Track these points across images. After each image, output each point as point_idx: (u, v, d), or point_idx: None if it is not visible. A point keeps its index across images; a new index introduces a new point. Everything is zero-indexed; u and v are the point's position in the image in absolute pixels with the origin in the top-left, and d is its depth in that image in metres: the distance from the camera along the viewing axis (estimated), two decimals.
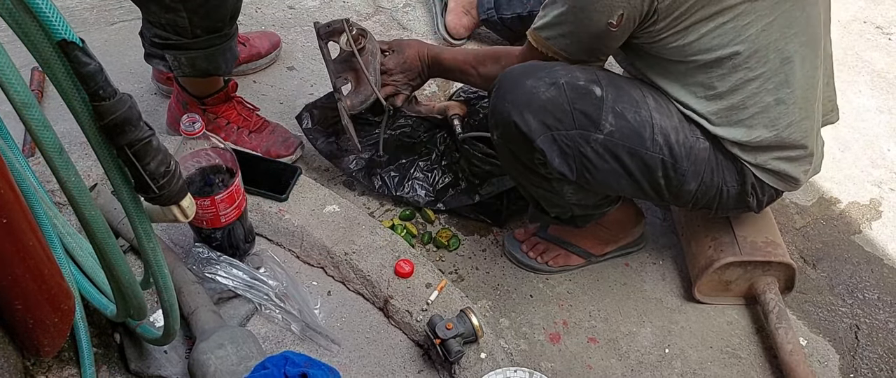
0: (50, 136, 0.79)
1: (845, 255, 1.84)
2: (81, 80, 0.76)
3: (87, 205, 0.88)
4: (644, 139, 1.37)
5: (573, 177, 1.40)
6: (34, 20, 0.72)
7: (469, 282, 1.71)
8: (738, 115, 1.36)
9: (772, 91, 1.35)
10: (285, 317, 1.45)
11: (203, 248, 1.46)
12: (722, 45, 1.29)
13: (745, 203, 1.49)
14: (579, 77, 1.36)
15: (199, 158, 1.36)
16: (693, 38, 1.29)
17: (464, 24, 2.27)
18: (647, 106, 1.38)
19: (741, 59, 1.30)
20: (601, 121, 1.35)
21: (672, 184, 1.43)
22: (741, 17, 1.27)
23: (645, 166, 1.40)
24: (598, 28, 1.29)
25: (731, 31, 1.28)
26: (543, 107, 1.34)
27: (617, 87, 1.38)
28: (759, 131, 1.37)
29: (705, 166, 1.42)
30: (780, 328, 1.56)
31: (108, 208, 1.50)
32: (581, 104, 1.35)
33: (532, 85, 1.35)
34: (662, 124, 1.38)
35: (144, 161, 0.84)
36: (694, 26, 1.27)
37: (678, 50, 1.31)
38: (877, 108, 2.26)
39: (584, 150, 1.37)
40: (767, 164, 1.42)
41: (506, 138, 1.42)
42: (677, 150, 1.39)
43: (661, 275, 1.75)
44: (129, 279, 1.04)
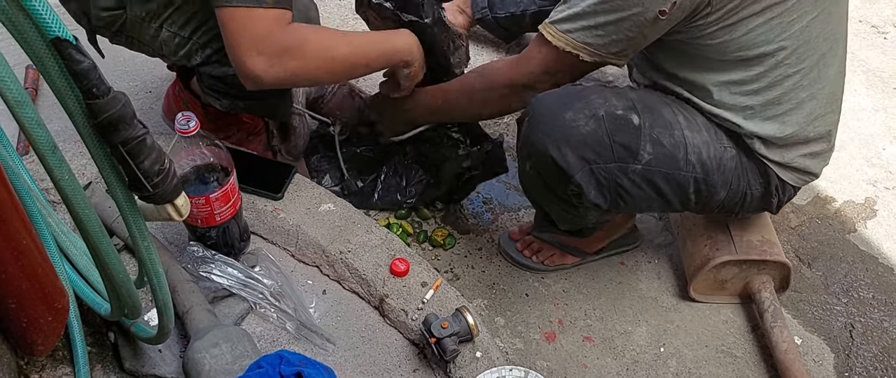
0: (43, 135, 0.79)
1: (840, 254, 1.84)
2: (75, 77, 0.76)
3: (81, 203, 0.87)
4: (678, 161, 1.37)
5: (607, 206, 1.41)
6: (27, 18, 0.72)
7: (464, 280, 1.71)
8: (773, 110, 1.36)
9: (806, 87, 1.35)
10: (280, 316, 1.45)
11: (198, 247, 1.45)
12: (768, 41, 1.28)
13: (767, 204, 1.51)
14: (616, 105, 1.34)
15: (194, 156, 1.35)
16: (741, 32, 1.27)
17: (459, 23, 2.26)
18: (679, 125, 1.37)
19: (784, 55, 1.30)
20: (640, 151, 1.34)
21: (702, 196, 1.44)
22: (788, 13, 1.26)
23: (678, 186, 1.41)
24: (645, 17, 1.23)
25: (777, 27, 1.27)
26: (583, 141, 1.33)
27: (651, 110, 1.36)
28: (791, 127, 1.38)
29: (733, 174, 1.42)
30: (775, 327, 1.56)
31: (102, 207, 1.49)
32: (620, 136, 1.33)
33: (571, 118, 1.33)
34: (694, 142, 1.37)
35: (138, 159, 0.84)
36: (744, 21, 1.25)
37: (722, 46, 1.29)
38: (872, 107, 2.26)
39: (621, 181, 1.37)
40: (793, 163, 1.42)
41: (539, 170, 1.40)
42: (708, 164, 1.39)
43: (657, 273, 1.76)
44: (124, 278, 1.03)
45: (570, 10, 1.29)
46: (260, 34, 1.28)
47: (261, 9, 1.26)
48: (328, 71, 1.41)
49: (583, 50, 1.30)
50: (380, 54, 1.46)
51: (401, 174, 1.79)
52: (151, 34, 1.45)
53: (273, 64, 1.30)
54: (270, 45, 1.28)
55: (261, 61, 1.29)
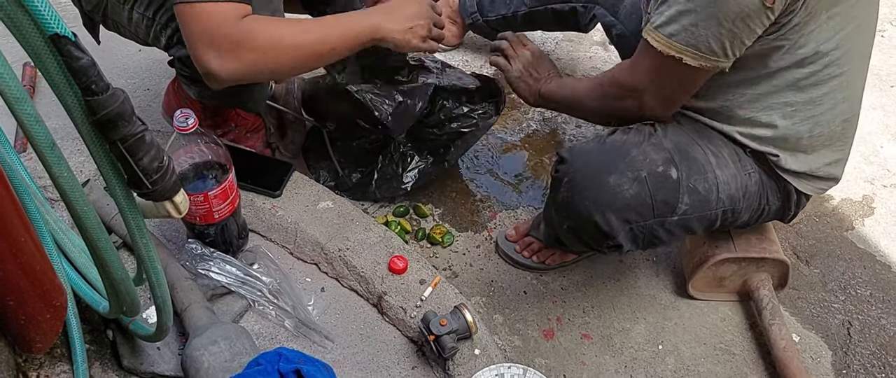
0: (42, 131, 0.79)
1: (838, 251, 1.85)
2: (73, 74, 0.76)
3: (80, 200, 0.87)
4: (711, 203, 1.39)
5: (638, 250, 1.44)
6: (26, 14, 0.71)
7: (463, 278, 1.70)
8: (812, 110, 1.35)
9: (844, 88, 1.36)
10: (279, 313, 1.45)
11: (196, 245, 1.45)
12: (827, 39, 1.27)
13: (781, 217, 1.53)
14: (656, 161, 1.34)
15: (193, 154, 1.35)
16: (812, 28, 1.24)
17: (452, 32, 2.26)
18: (711, 165, 1.38)
19: (838, 55, 1.30)
20: (678, 204, 1.36)
21: (727, 223, 1.47)
22: (845, 13, 1.26)
23: (708, 222, 1.43)
24: (751, 4, 1.16)
25: (837, 26, 1.27)
26: (628, 205, 1.34)
27: (686, 156, 1.36)
28: (822, 127, 1.38)
29: (755, 197, 1.44)
30: (773, 324, 1.56)
31: (100, 204, 1.49)
32: (661, 194, 1.34)
33: (615, 182, 1.33)
34: (724, 179, 1.38)
35: (137, 156, 0.84)
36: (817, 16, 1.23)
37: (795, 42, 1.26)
38: (869, 105, 2.26)
39: (657, 232, 1.39)
40: (818, 171, 1.44)
41: (579, 232, 1.42)
42: (736, 195, 1.41)
43: (655, 271, 1.76)
44: (122, 275, 1.03)
45: (670, 11, 1.23)
46: (211, 29, 1.25)
47: (212, 3, 1.24)
48: (287, 61, 1.35)
49: (686, 53, 1.24)
50: (341, 37, 1.39)
51: (397, 162, 1.79)
52: (126, 17, 1.48)
53: (227, 59, 1.27)
54: (222, 39, 1.26)
55: (214, 57, 1.27)
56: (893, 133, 2.17)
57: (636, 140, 1.38)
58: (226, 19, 1.25)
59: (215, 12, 1.25)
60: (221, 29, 1.25)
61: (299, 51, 1.35)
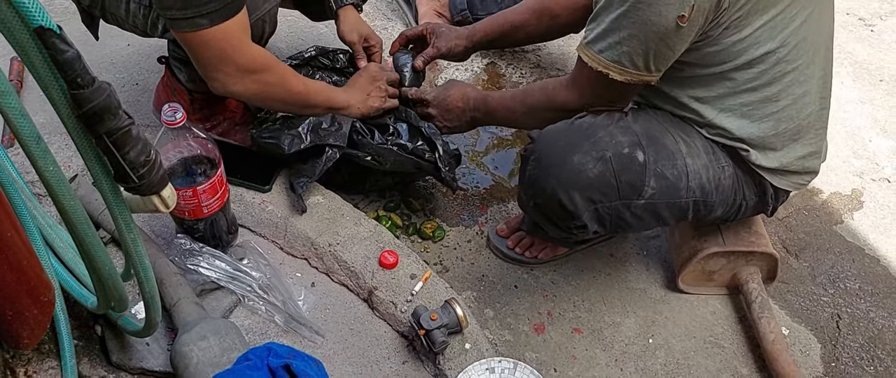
0: (27, 125, 0.78)
1: (827, 245, 1.85)
2: (59, 67, 0.75)
3: (66, 195, 0.87)
4: (680, 190, 1.39)
5: (606, 233, 1.46)
6: (10, 6, 0.71)
7: (454, 273, 1.70)
8: (770, 107, 1.36)
9: (802, 83, 1.36)
10: (269, 308, 1.45)
11: (185, 239, 1.44)
12: (770, 38, 1.29)
13: (762, 210, 1.53)
14: (622, 142, 1.35)
15: (181, 148, 1.34)
16: (747, 32, 1.27)
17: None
18: (680, 153, 1.38)
19: (785, 52, 1.31)
20: (644, 188, 1.37)
21: (700, 215, 1.47)
22: (789, 10, 1.27)
23: (679, 210, 1.43)
24: (666, 25, 1.21)
25: (779, 24, 1.28)
26: (591, 184, 1.35)
27: (655, 142, 1.37)
28: (786, 123, 1.38)
29: (730, 191, 1.44)
30: (762, 318, 1.57)
31: (88, 199, 1.48)
32: (626, 175, 1.35)
33: (579, 161, 1.34)
34: (695, 168, 1.39)
35: (124, 150, 0.83)
36: (751, 21, 1.26)
37: (728, 50, 1.29)
38: (859, 98, 2.27)
39: (624, 215, 1.40)
40: (791, 166, 1.44)
41: (545, 209, 1.42)
42: (708, 186, 1.41)
43: (646, 265, 1.76)
44: (110, 271, 1.02)
45: (598, 29, 1.29)
46: (214, 55, 1.34)
47: (204, 31, 1.29)
48: (282, 100, 1.52)
49: (612, 68, 1.30)
50: (325, 101, 1.57)
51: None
52: (124, 8, 1.48)
53: (234, 80, 1.39)
54: (228, 64, 1.36)
55: (221, 76, 1.38)
56: (882, 127, 2.18)
57: (604, 123, 1.39)
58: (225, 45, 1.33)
59: (213, 40, 1.31)
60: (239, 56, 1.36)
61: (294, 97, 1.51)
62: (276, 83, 1.45)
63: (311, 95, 1.54)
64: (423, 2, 2.26)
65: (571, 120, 1.43)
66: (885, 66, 2.39)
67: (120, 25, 1.56)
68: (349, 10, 1.76)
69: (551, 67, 2.26)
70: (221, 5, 1.28)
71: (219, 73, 1.37)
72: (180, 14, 1.27)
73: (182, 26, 1.29)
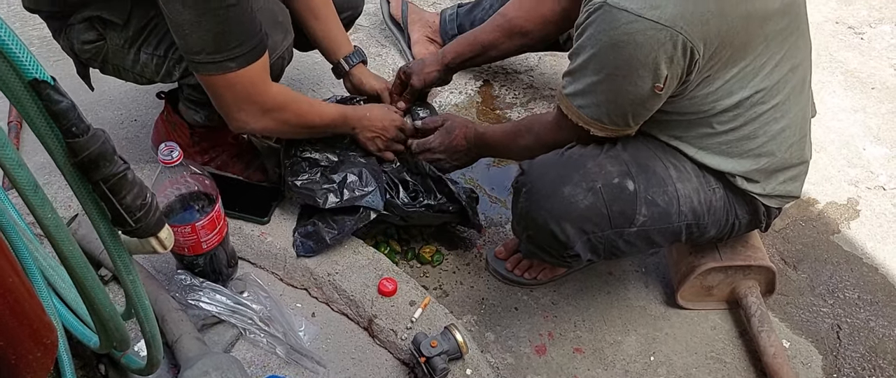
0: (25, 175, 0.80)
1: (825, 255, 1.86)
2: (54, 117, 0.77)
3: (65, 240, 0.88)
4: (671, 215, 1.40)
5: (599, 260, 1.47)
6: (5, 60, 0.72)
7: (453, 297, 1.71)
8: (748, 144, 1.38)
9: (780, 119, 1.38)
10: (270, 340, 1.45)
11: (185, 275, 1.46)
12: (742, 87, 1.31)
13: (756, 226, 1.54)
14: (612, 172, 1.37)
15: (179, 185, 1.36)
16: (717, 85, 1.30)
17: (431, 52, 2.28)
18: (671, 179, 1.40)
19: (760, 97, 1.33)
20: (636, 216, 1.38)
21: (693, 237, 1.48)
22: (758, 58, 1.29)
23: (672, 234, 1.45)
24: (642, 93, 1.26)
25: (750, 74, 1.30)
26: (582, 215, 1.36)
27: (644, 169, 1.39)
28: (767, 158, 1.40)
29: (722, 212, 1.45)
30: (762, 331, 1.58)
31: (88, 239, 1.50)
32: (617, 205, 1.37)
33: (570, 193, 1.36)
34: (686, 192, 1.40)
35: (120, 195, 0.84)
36: (720, 73, 1.28)
37: (700, 100, 1.32)
38: (851, 107, 2.29)
39: (617, 243, 1.41)
40: (776, 191, 1.45)
41: (538, 240, 1.44)
42: (699, 209, 1.42)
43: (644, 282, 1.77)
44: (111, 311, 1.03)
45: (577, 86, 1.32)
46: (238, 97, 1.40)
47: (231, 74, 1.34)
48: (297, 133, 1.62)
49: (593, 125, 1.35)
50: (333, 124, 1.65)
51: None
52: (132, 59, 1.50)
53: (254, 119, 1.46)
54: (250, 105, 1.43)
55: (243, 116, 1.44)
56: (875, 135, 2.19)
57: (593, 153, 1.41)
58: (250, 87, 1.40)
59: (237, 82, 1.37)
60: (250, 97, 1.41)
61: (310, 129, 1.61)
62: (294, 120, 1.53)
63: (325, 127, 1.63)
64: (414, 29, 2.29)
65: (561, 151, 1.45)
66: (875, 74, 2.41)
67: (119, 76, 1.58)
68: (361, 67, 1.84)
69: (544, 87, 2.28)
70: (249, 48, 1.33)
71: (241, 113, 1.43)
72: (209, 58, 1.31)
73: (209, 70, 1.34)
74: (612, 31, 1.21)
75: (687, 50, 1.20)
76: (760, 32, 1.27)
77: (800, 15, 1.36)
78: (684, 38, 1.19)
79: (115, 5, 1.45)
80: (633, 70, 1.23)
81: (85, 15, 1.46)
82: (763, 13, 1.26)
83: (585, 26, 1.27)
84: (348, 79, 1.85)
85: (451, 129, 1.72)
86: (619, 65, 1.24)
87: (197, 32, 1.28)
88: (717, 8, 1.20)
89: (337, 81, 1.96)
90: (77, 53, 1.53)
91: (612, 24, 1.21)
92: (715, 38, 1.22)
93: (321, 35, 1.79)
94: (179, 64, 1.48)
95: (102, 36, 1.48)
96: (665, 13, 1.18)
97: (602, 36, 1.23)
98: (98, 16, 1.45)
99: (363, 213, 1.61)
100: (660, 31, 1.18)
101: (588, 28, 1.26)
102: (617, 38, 1.21)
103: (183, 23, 1.27)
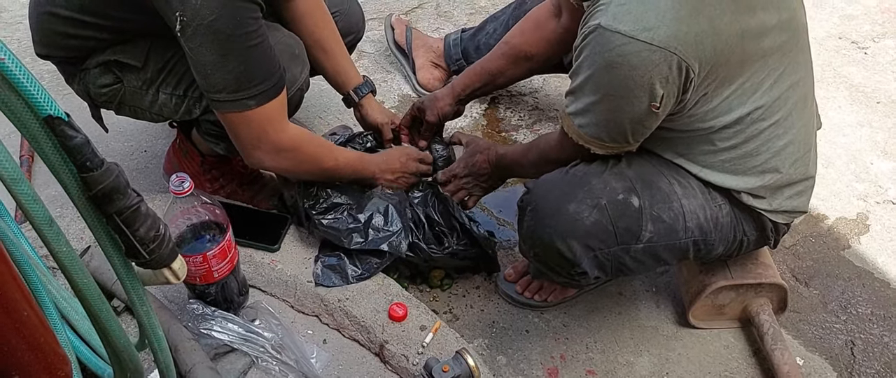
0: (39, 210, 0.81)
1: (836, 271, 1.85)
2: (68, 153, 0.78)
3: (79, 273, 0.89)
4: (678, 232, 1.41)
5: (607, 277, 1.47)
6: (19, 98, 0.74)
7: (464, 320, 1.71)
8: (751, 161, 1.38)
9: (782, 135, 1.38)
10: (282, 368, 1.45)
11: (197, 304, 1.46)
12: (741, 104, 1.31)
13: (765, 243, 1.54)
14: (617, 189, 1.38)
15: (190, 215, 1.37)
16: (716, 103, 1.30)
17: (436, 77, 2.30)
18: (676, 195, 1.40)
19: (760, 113, 1.33)
20: (642, 232, 1.38)
21: (701, 254, 1.48)
22: (757, 75, 1.30)
23: (679, 252, 1.45)
24: (639, 112, 1.27)
25: (749, 90, 1.31)
26: (588, 232, 1.37)
27: (649, 186, 1.39)
28: (772, 175, 1.40)
29: (729, 228, 1.45)
30: (775, 349, 1.57)
31: (102, 270, 1.51)
32: (623, 221, 1.37)
33: (575, 210, 1.37)
34: (691, 208, 1.41)
35: (133, 227, 0.85)
36: (718, 91, 1.29)
37: (699, 117, 1.32)
38: (857, 122, 2.29)
39: (624, 260, 1.42)
40: (782, 207, 1.45)
41: (545, 259, 1.45)
42: (706, 226, 1.42)
43: (656, 302, 1.76)
44: (124, 343, 1.04)
45: (577, 105, 1.34)
46: (255, 135, 1.43)
47: (249, 112, 1.37)
48: (312, 174, 1.63)
49: (593, 143, 1.36)
50: (354, 173, 1.69)
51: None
52: (150, 100, 1.52)
53: (270, 157, 1.49)
54: (266, 143, 1.46)
55: (259, 154, 1.48)
56: (883, 149, 2.19)
57: (598, 170, 1.42)
58: (266, 125, 1.43)
59: (254, 120, 1.40)
60: (265, 135, 1.44)
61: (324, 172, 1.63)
62: (308, 160, 1.56)
63: (340, 170, 1.65)
64: (419, 54, 2.31)
65: (566, 169, 1.45)
66: (881, 88, 2.41)
67: (135, 116, 1.60)
68: (370, 98, 1.86)
69: (549, 109, 2.29)
70: (269, 87, 1.36)
71: (256, 150, 1.45)
72: (230, 97, 1.34)
73: (228, 108, 1.36)
74: (607, 53, 1.22)
75: (682, 70, 1.21)
76: (757, 49, 1.28)
77: (798, 30, 1.37)
78: (679, 59, 1.20)
79: (131, 49, 1.48)
80: (629, 91, 1.24)
81: (100, 59, 1.49)
82: (759, 30, 1.27)
83: (582, 48, 1.28)
84: (358, 109, 1.87)
85: (472, 153, 1.74)
86: (615, 86, 1.25)
87: (219, 73, 1.31)
88: (710, 27, 1.21)
89: (343, 109, 1.98)
90: (93, 97, 1.56)
91: (606, 46, 1.22)
92: (710, 56, 1.23)
93: (331, 68, 1.81)
94: (199, 102, 1.51)
95: (119, 79, 1.51)
96: (658, 35, 1.19)
97: (597, 58, 1.24)
98: (115, 60, 1.48)
99: (389, 257, 1.64)
100: (654, 52, 1.19)
101: (584, 50, 1.27)
102: (611, 59, 1.22)
103: (206, 63, 1.30)
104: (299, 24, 1.70)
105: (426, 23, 2.63)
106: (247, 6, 1.29)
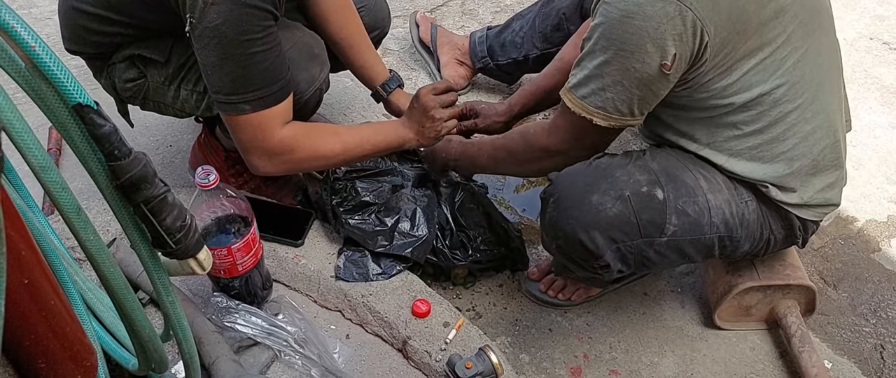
0: (68, 198, 0.81)
1: (866, 274, 1.82)
2: (97, 141, 0.78)
3: (106, 262, 0.89)
4: (703, 226, 1.38)
5: (630, 271, 1.45)
6: (49, 85, 0.74)
7: (487, 318, 1.70)
8: (779, 147, 1.36)
9: (809, 119, 1.36)
10: (305, 362, 1.46)
11: (221, 297, 1.47)
12: (763, 81, 1.29)
13: (792, 242, 1.51)
14: (641, 181, 1.36)
15: (215, 208, 1.37)
16: (736, 77, 1.28)
17: (461, 74, 2.29)
18: (701, 189, 1.38)
19: (782, 93, 1.31)
20: (666, 225, 1.36)
21: (726, 251, 1.45)
22: (780, 51, 1.28)
23: (704, 247, 1.42)
24: (649, 72, 1.24)
25: (770, 66, 1.29)
26: (611, 224, 1.35)
27: (674, 180, 1.38)
28: (799, 161, 1.38)
29: (755, 225, 1.43)
30: (803, 352, 1.54)
31: (127, 261, 1.52)
32: (646, 213, 1.35)
33: (598, 201, 1.35)
34: (717, 203, 1.38)
35: (160, 217, 0.86)
36: (738, 65, 1.27)
37: (720, 93, 1.30)
38: (888, 123, 2.25)
39: (647, 253, 1.40)
40: (814, 200, 1.42)
41: (567, 250, 1.43)
42: (732, 221, 1.40)
43: (680, 302, 1.74)
44: (150, 333, 1.04)
45: (581, 75, 1.31)
46: (248, 139, 1.42)
47: (243, 116, 1.37)
48: (323, 164, 1.56)
49: (596, 114, 1.32)
50: (374, 147, 1.57)
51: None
52: (172, 96, 1.53)
53: (266, 162, 1.46)
54: (258, 148, 1.43)
55: (255, 159, 1.45)
56: None
57: (622, 162, 1.40)
58: (259, 131, 1.40)
59: (248, 125, 1.39)
60: (258, 140, 1.41)
61: (335, 158, 1.53)
62: (308, 157, 1.49)
63: (354, 151, 1.55)
64: (444, 52, 2.30)
65: (589, 161, 1.44)
66: None
67: (159, 111, 1.61)
68: (399, 92, 1.84)
69: None
70: (267, 94, 1.35)
71: (250, 155, 1.45)
72: (226, 98, 1.34)
73: (225, 109, 1.37)
74: (622, 3, 1.21)
75: (697, 30, 1.20)
76: (776, 22, 1.26)
77: (822, 11, 1.35)
78: (694, 16, 1.19)
79: (155, 44, 1.49)
80: (642, 45, 1.22)
81: (126, 54, 1.51)
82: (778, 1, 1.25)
83: (595, 14, 1.28)
84: (387, 105, 1.86)
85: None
86: (627, 39, 1.23)
87: (217, 74, 1.32)
88: None
89: (366, 106, 1.98)
90: (119, 91, 1.57)
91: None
92: (725, 21, 1.21)
93: (358, 64, 1.81)
94: None
95: (143, 74, 1.52)
96: None
97: (612, 10, 1.23)
98: (139, 54, 1.50)
99: (410, 265, 1.66)
100: (669, 3, 1.18)
101: (596, 15, 1.27)
102: (626, 9, 1.21)
103: (207, 64, 1.32)
104: (327, 20, 1.70)
105: (451, 20, 2.63)
106: (256, 13, 1.29)
